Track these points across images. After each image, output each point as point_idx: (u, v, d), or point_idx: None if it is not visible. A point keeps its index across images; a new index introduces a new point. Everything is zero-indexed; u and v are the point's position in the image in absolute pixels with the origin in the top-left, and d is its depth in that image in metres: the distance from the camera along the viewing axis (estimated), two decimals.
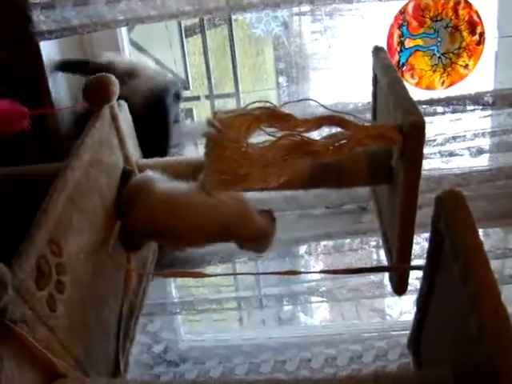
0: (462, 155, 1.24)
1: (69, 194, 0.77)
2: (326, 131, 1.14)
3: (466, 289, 0.56)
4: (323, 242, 1.31)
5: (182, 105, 1.90)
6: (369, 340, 1.46)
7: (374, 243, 1.36)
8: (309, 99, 0.95)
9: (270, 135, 0.84)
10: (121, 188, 0.96)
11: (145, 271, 0.98)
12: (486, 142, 1.24)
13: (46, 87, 1.27)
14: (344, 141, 0.82)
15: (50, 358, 0.65)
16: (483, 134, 1.22)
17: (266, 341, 1.53)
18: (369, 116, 1.24)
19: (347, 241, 1.34)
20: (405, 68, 1.29)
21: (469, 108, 1.21)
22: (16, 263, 0.64)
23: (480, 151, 1.24)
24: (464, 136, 1.23)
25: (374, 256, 1.43)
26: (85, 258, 0.80)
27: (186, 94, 1.83)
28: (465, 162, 1.26)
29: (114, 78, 0.92)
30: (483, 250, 0.58)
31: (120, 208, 0.95)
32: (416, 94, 1.31)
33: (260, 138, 0.87)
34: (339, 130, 0.84)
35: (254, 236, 0.96)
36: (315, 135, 0.86)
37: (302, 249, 1.33)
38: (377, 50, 1.05)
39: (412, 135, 0.81)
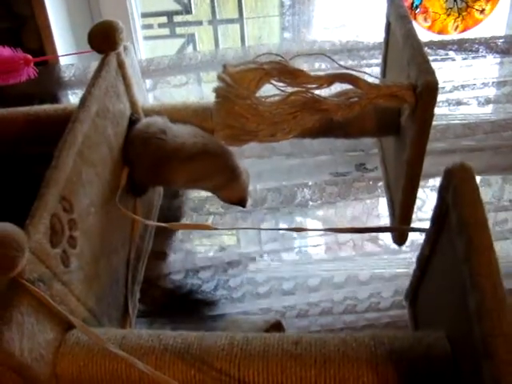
0: (469, 104, 1.23)
1: (78, 148, 0.77)
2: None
3: (467, 265, 0.58)
4: (328, 191, 1.33)
5: (184, 30, 1.84)
6: (364, 278, 1.51)
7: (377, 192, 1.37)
8: (321, 54, 0.92)
9: (279, 89, 0.83)
10: (128, 135, 0.96)
11: (151, 222, 1.00)
12: (494, 92, 1.22)
13: (46, 21, 1.23)
14: (355, 99, 0.81)
15: (64, 314, 0.68)
16: (493, 84, 1.20)
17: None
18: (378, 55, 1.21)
19: (352, 190, 1.35)
20: (418, 10, 1.24)
21: (481, 54, 1.18)
22: (31, 224, 0.66)
23: (488, 101, 1.22)
24: (474, 85, 1.21)
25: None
26: (95, 211, 0.82)
27: (188, 18, 1.76)
28: (471, 112, 1.24)
29: (120, 24, 0.89)
30: (488, 227, 0.59)
31: (126, 154, 0.96)
32: (427, 37, 1.27)
33: (270, 91, 0.86)
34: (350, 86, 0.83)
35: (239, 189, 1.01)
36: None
37: (306, 196, 1.34)
38: None
39: (426, 96, 0.79)
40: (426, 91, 0.79)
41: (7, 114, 1.07)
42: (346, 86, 0.85)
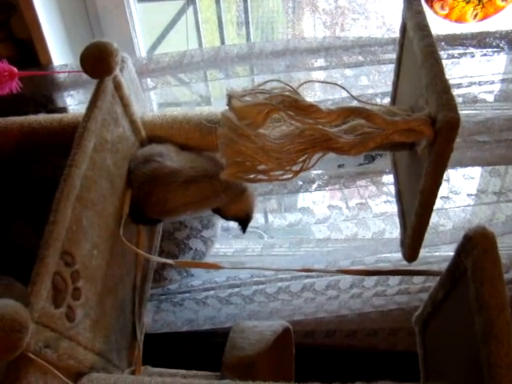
0: (485, 100, 1.16)
1: (76, 194, 0.73)
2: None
3: (485, 349, 0.56)
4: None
5: None
6: (372, 265, 1.50)
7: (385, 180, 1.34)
8: (334, 83, 0.85)
9: (289, 122, 0.78)
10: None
11: (156, 258, 0.96)
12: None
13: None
14: (370, 134, 0.76)
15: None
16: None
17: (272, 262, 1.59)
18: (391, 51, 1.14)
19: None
20: None
21: (501, 49, 1.11)
22: (32, 293, 0.63)
23: (505, 98, 1.15)
24: (492, 81, 1.14)
25: (385, 189, 1.40)
26: (98, 252, 0.79)
27: None
28: (487, 109, 1.18)
29: (115, 45, 0.82)
30: (507, 310, 0.57)
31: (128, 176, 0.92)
32: (444, 27, 1.19)
33: None
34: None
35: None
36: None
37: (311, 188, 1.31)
38: None
39: (445, 132, 0.74)
40: (447, 128, 0.74)
41: (1, 125, 1.02)
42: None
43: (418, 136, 0.77)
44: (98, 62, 0.81)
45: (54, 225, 0.69)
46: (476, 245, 0.61)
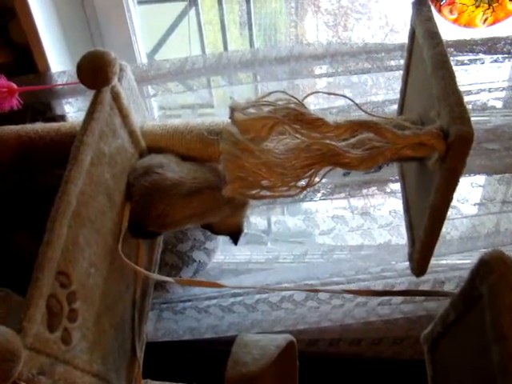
0: (495, 107, 1.13)
1: (73, 210, 0.70)
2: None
3: (504, 379, 0.53)
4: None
5: None
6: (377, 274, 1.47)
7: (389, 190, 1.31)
8: (342, 95, 0.82)
9: (294, 136, 0.75)
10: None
11: (155, 275, 0.93)
12: None
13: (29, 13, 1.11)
14: (379, 148, 0.73)
15: None
16: None
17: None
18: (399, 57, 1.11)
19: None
20: (443, 2, 1.11)
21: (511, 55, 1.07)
22: (25, 319, 0.60)
23: None
24: (502, 88, 1.10)
25: (392, 198, 1.37)
26: (95, 270, 0.76)
27: None
28: (496, 116, 1.15)
29: (112, 55, 0.79)
30: None
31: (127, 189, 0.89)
32: (453, 32, 1.15)
33: None
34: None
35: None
36: None
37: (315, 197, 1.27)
38: (419, 4, 0.89)
39: (458, 147, 0.71)
40: (459, 143, 0.70)
41: None
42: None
43: (429, 150, 0.74)
44: (94, 72, 0.78)
45: (48, 245, 0.66)
46: (493, 270, 0.58)
